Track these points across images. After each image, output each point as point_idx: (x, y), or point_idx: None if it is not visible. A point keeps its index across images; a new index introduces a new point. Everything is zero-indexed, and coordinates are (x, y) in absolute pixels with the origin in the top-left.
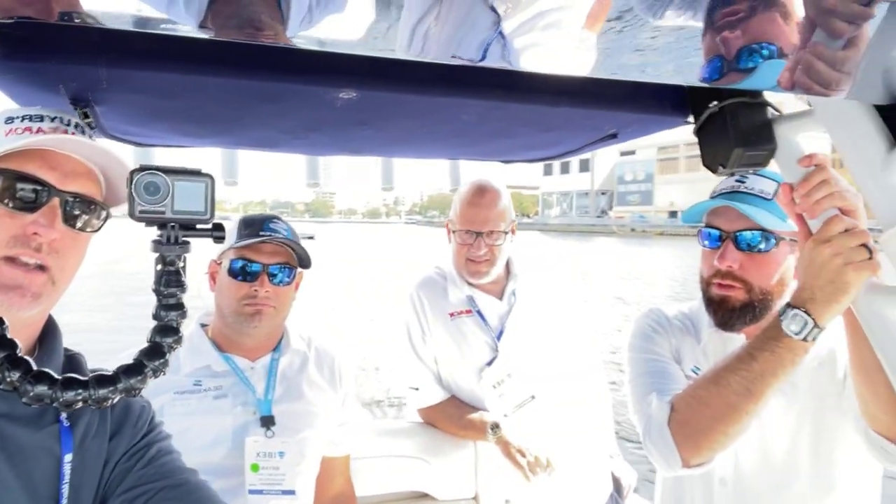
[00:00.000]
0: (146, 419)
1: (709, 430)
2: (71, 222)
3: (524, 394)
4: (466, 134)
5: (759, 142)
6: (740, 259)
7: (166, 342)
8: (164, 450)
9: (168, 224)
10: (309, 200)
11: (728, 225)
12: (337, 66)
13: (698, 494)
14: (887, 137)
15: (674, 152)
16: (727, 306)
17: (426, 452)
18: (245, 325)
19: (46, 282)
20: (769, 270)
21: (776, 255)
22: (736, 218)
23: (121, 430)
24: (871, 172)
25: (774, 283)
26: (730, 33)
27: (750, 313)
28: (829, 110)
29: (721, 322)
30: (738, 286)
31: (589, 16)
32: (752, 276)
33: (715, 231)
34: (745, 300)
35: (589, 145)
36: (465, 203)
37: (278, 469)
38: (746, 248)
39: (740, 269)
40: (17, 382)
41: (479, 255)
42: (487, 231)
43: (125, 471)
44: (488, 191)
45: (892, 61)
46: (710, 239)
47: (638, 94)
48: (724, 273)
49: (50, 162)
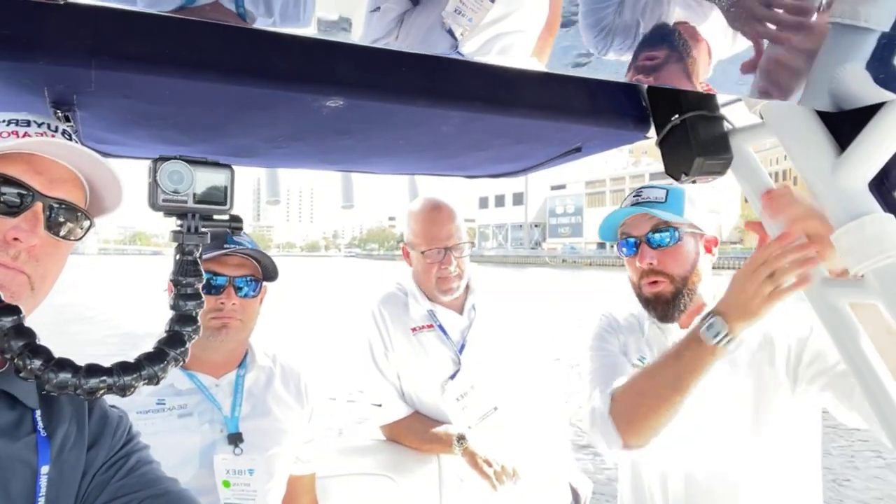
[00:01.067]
0: (124, 429)
1: (644, 416)
2: (53, 229)
3: (487, 405)
4: (443, 146)
5: (718, 152)
6: (656, 255)
7: (186, 331)
8: (144, 460)
9: (188, 214)
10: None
11: (638, 231)
12: (327, 73)
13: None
14: (833, 144)
15: (601, 186)
16: (661, 300)
17: (391, 469)
18: (211, 340)
19: (25, 284)
20: (682, 259)
21: (684, 245)
22: (642, 223)
23: (99, 441)
24: (822, 177)
25: (691, 270)
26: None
27: (681, 301)
28: (779, 121)
29: (661, 316)
30: (663, 280)
31: (539, 38)
32: (670, 267)
33: (630, 239)
34: (673, 290)
35: (554, 160)
36: (425, 222)
37: (249, 486)
38: (658, 245)
39: (659, 263)
40: (39, 371)
41: (450, 270)
42: (454, 244)
43: (104, 482)
44: (442, 207)
45: (837, 72)
46: (627, 246)
47: (603, 108)
48: (648, 271)
49: (36, 166)
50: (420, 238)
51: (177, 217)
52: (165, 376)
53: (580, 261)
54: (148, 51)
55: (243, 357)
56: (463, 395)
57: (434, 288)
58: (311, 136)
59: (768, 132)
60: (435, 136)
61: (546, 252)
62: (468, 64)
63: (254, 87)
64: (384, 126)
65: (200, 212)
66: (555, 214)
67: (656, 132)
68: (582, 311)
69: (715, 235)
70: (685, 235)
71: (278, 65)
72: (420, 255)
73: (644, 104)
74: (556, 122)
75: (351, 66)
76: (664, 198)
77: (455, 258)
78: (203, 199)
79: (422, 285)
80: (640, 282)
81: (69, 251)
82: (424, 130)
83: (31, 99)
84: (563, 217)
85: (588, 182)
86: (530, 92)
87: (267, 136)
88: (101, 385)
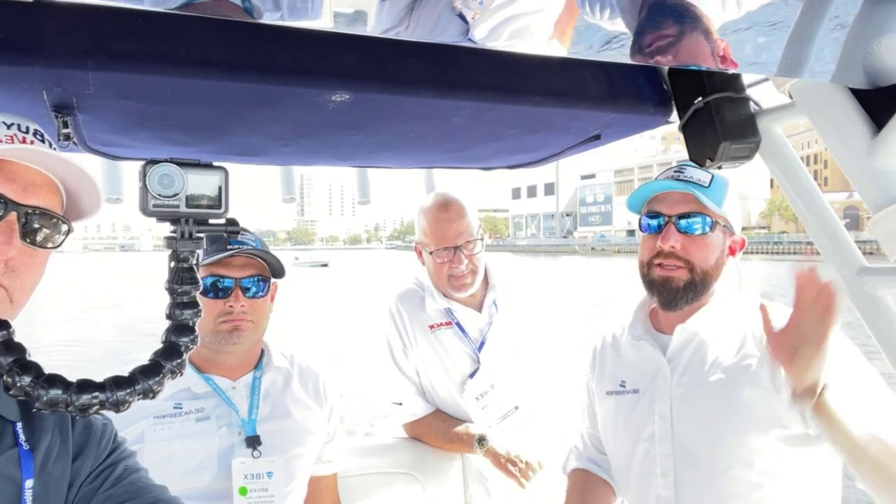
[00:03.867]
0: (109, 437)
1: None
2: (30, 238)
3: (508, 405)
4: (455, 138)
5: (745, 135)
6: (682, 240)
7: (182, 341)
8: (131, 468)
9: (182, 219)
10: (290, 229)
11: (669, 209)
12: (332, 67)
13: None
14: (870, 124)
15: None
16: (671, 286)
17: (414, 468)
18: (224, 343)
19: (3, 297)
20: (708, 252)
21: (713, 238)
22: (676, 203)
23: (84, 451)
24: (857, 159)
25: (712, 266)
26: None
27: (692, 292)
28: (810, 100)
29: (665, 302)
30: (680, 265)
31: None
32: (693, 256)
33: (660, 216)
34: (687, 280)
35: (571, 148)
36: (433, 221)
37: (267, 490)
38: (686, 231)
39: (682, 249)
40: (29, 387)
41: (461, 269)
42: (464, 242)
43: (91, 492)
44: (452, 203)
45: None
46: (651, 224)
47: (621, 93)
48: (667, 254)
49: (7, 173)
50: (429, 238)
51: (170, 222)
52: (161, 389)
53: (608, 248)
54: (145, 49)
55: (259, 359)
56: (483, 394)
57: (448, 286)
58: (319, 132)
59: (798, 113)
60: (446, 127)
61: (577, 241)
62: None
63: (256, 84)
64: (393, 119)
65: (194, 216)
66: (585, 203)
67: (679, 116)
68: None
69: (743, 237)
70: (718, 228)
71: (280, 60)
72: (430, 255)
73: (665, 87)
74: (572, 110)
75: (356, 58)
76: (708, 182)
77: (465, 255)
78: (196, 203)
79: (436, 284)
80: (652, 261)
81: (48, 258)
82: (435, 123)
83: (31, 104)
84: (593, 206)
85: (617, 171)
86: (543, 79)
87: (273, 133)
88: (93, 401)
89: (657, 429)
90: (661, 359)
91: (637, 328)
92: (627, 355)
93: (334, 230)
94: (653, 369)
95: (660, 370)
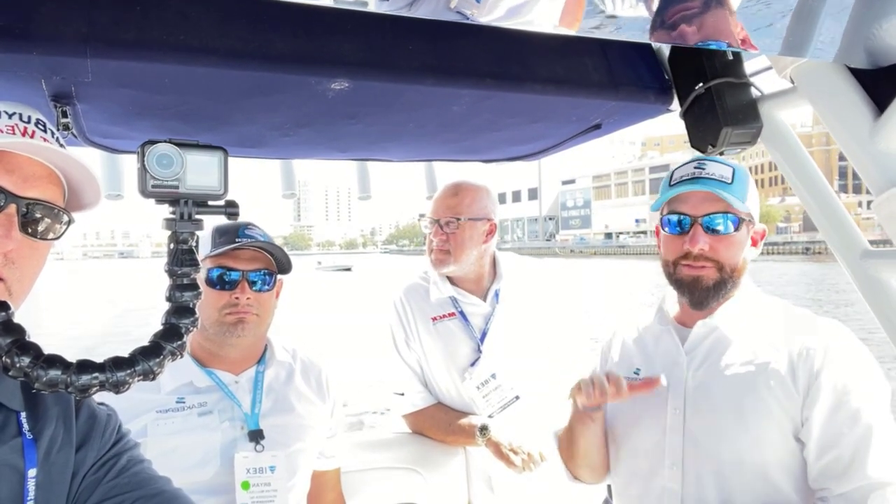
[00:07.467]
0: (114, 428)
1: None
2: (30, 230)
3: (509, 394)
4: (454, 128)
5: (746, 120)
6: (710, 241)
7: (183, 323)
8: (135, 459)
9: (181, 200)
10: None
11: (694, 210)
12: (332, 54)
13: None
14: (871, 106)
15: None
16: (701, 285)
17: (417, 463)
18: (228, 336)
19: (2, 290)
20: (736, 250)
21: (740, 235)
22: (700, 203)
23: (88, 441)
24: (859, 141)
25: (741, 262)
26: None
27: (722, 289)
28: (812, 83)
29: (695, 302)
30: (709, 265)
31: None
32: (721, 255)
33: (682, 217)
34: (717, 279)
35: (572, 139)
36: (437, 195)
37: (270, 485)
38: (713, 231)
39: (710, 250)
40: (28, 368)
41: (435, 242)
42: (445, 221)
43: (94, 483)
44: (461, 185)
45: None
46: (675, 224)
47: (622, 80)
48: (696, 255)
49: (7, 164)
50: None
51: (169, 204)
52: (162, 371)
53: (587, 250)
54: (144, 36)
55: (262, 353)
56: (483, 383)
57: (429, 258)
58: (319, 122)
59: (800, 97)
60: (445, 116)
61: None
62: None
63: (255, 71)
64: (392, 108)
65: (193, 197)
66: (566, 207)
67: (679, 103)
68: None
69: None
70: (742, 225)
71: (280, 47)
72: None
73: (666, 75)
74: (573, 98)
75: (355, 45)
76: (730, 178)
77: (447, 232)
78: (195, 184)
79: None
80: (678, 261)
81: (48, 250)
82: (434, 111)
83: (29, 93)
84: (573, 210)
85: (595, 176)
86: (543, 66)
87: (273, 123)
88: (93, 382)
89: (669, 420)
90: (679, 350)
91: (662, 318)
92: (645, 345)
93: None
94: (670, 360)
95: (676, 362)
